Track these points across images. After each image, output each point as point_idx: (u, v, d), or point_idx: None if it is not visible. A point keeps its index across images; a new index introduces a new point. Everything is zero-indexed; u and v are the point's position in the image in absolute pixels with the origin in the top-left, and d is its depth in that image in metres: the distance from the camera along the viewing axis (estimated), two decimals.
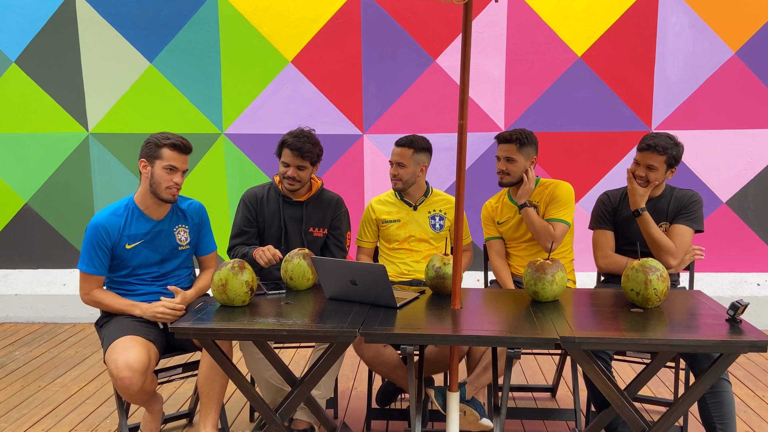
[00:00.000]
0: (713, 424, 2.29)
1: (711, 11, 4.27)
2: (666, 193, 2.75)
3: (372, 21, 4.44)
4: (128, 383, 2.24)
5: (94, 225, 2.46)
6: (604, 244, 2.80)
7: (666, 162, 2.64)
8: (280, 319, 2.00)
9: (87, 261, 2.47)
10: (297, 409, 2.49)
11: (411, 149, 2.87)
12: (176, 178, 2.48)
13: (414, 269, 2.91)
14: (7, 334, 4.38)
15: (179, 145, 2.48)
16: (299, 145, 2.65)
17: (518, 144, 2.79)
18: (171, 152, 2.46)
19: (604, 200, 2.87)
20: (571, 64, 4.39)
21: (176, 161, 2.47)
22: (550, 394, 3.24)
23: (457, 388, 2.16)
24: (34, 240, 4.83)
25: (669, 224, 2.71)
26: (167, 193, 2.48)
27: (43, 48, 4.59)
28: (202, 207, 2.73)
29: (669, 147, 2.62)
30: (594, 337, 1.82)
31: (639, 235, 2.71)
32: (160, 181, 2.46)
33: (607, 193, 2.89)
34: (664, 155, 2.62)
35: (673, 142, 2.65)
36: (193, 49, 4.54)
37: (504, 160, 2.82)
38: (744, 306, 1.89)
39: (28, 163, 4.75)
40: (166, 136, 2.48)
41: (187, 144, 2.51)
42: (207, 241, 2.73)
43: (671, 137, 2.67)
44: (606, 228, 2.81)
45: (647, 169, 2.66)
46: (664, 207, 2.72)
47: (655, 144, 2.63)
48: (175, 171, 2.48)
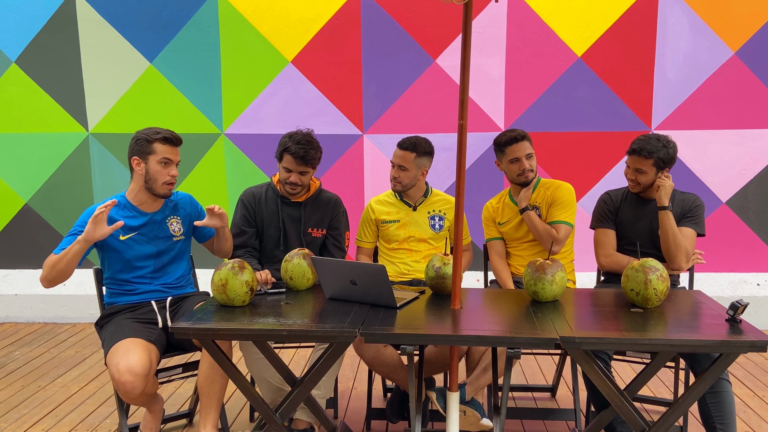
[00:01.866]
0: (713, 424, 2.29)
1: (711, 11, 4.27)
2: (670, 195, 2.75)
3: (372, 21, 4.44)
4: (130, 387, 2.23)
5: (86, 213, 2.49)
6: (606, 243, 2.80)
7: (654, 165, 2.65)
8: (280, 319, 2.00)
9: (61, 246, 2.38)
10: (297, 409, 2.49)
11: (414, 153, 2.85)
12: (172, 171, 2.50)
13: (414, 269, 2.91)
14: (7, 334, 4.38)
15: (171, 138, 2.49)
16: (302, 153, 2.64)
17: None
18: (163, 146, 2.48)
19: (605, 200, 2.87)
20: (571, 64, 4.40)
21: (170, 154, 2.49)
22: (550, 394, 3.24)
23: (457, 388, 2.16)
24: (34, 240, 4.83)
25: None
26: (164, 188, 2.50)
27: (43, 48, 4.59)
28: (192, 198, 2.75)
29: (656, 150, 2.62)
30: (594, 337, 1.82)
31: (640, 236, 2.72)
32: (156, 176, 2.48)
33: (609, 192, 2.89)
34: (650, 159, 2.63)
35: (661, 143, 2.64)
36: (193, 49, 4.54)
37: (524, 159, 2.81)
38: (744, 306, 1.89)
39: (28, 163, 4.75)
40: (155, 130, 2.49)
41: (177, 136, 2.54)
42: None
43: (660, 138, 2.66)
44: (608, 227, 2.81)
45: (636, 172, 2.68)
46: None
47: (640, 148, 2.64)
48: (170, 164, 2.49)
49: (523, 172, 2.81)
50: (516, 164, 2.81)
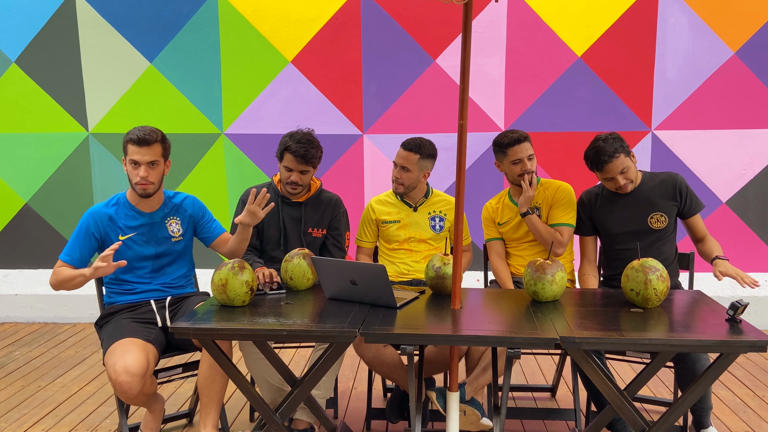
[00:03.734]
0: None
1: (711, 11, 4.27)
2: (645, 180, 2.71)
3: (372, 21, 4.44)
4: (127, 388, 2.23)
5: (87, 213, 2.51)
6: (583, 255, 2.84)
7: (626, 155, 2.60)
8: (280, 319, 2.00)
9: (68, 251, 2.50)
10: (297, 409, 2.49)
11: (417, 155, 2.82)
12: (141, 172, 2.45)
13: (414, 269, 2.91)
14: (7, 334, 4.38)
15: (136, 139, 2.44)
16: (303, 152, 2.64)
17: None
18: (132, 146, 2.46)
19: (579, 203, 2.85)
20: (570, 64, 4.39)
21: (137, 155, 2.44)
22: (550, 394, 3.24)
23: (457, 388, 2.16)
24: (34, 240, 4.83)
25: (662, 214, 2.66)
26: (138, 188, 2.49)
27: (43, 48, 4.59)
28: (195, 199, 2.74)
29: (614, 145, 2.58)
30: (594, 337, 1.82)
31: (624, 233, 2.71)
32: (130, 177, 2.49)
33: (582, 195, 2.87)
34: (621, 153, 2.58)
35: (612, 137, 2.61)
36: (193, 49, 4.54)
37: (526, 160, 2.79)
38: (744, 306, 1.89)
39: (28, 163, 4.75)
40: (131, 131, 2.47)
41: (144, 136, 2.44)
42: (213, 226, 2.73)
43: (601, 137, 2.62)
44: (585, 233, 2.83)
45: (622, 174, 2.61)
46: (651, 195, 2.68)
47: (608, 153, 2.57)
48: (139, 165, 2.45)
49: (524, 174, 2.80)
50: (518, 165, 2.80)
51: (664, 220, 2.68)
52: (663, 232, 2.69)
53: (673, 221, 2.71)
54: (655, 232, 2.69)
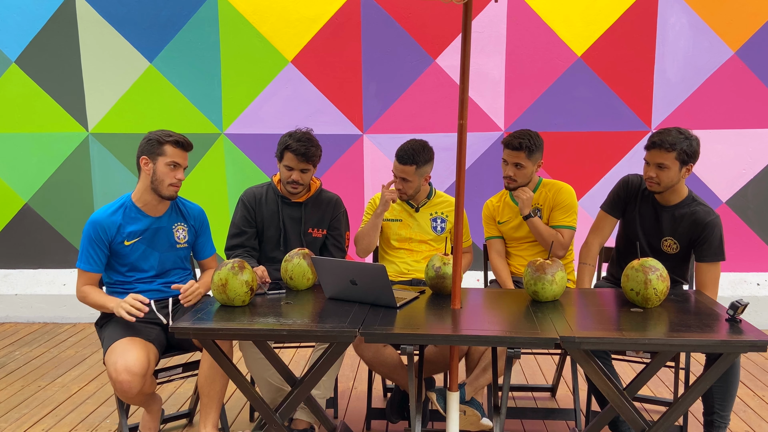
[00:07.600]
0: (712, 404, 2.30)
1: (711, 11, 4.27)
2: (686, 202, 2.53)
3: (372, 21, 4.44)
4: (127, 387, 2.24)
5: (92, 222, 2.48)
6: (600, 229, 2.74)
7: (678, 158, 2.41)
8: (280, 319, 2.00)
9: (84, 258, 2.49)
10: (297, 409, 2.49)
11: (414, 166, 2.80)
12: (179, 174, 2.50)
13: (414, 269, 2.91)
14: (7, 334, 4.38)
15: (182, 143, 2.51)
16: (304, 150, 2.64)
17: (527, 152, 2.74)
18: (174, 149, 2.48)
19: (623, 184, 2.70)
20: (570, 64, 4.39)
21: (179, 158, 2.50)
22: (550, 394, 3.24)
23: (457, 388, 2.16)
24: (34, 240, 4.83)
25: (676, 242, 2.54)
26: (169, 190, 2.50)
27: (43, 48, 4.59)
28: (202, 212, 2.74)
29: (678, 141, 2.40)
30: (594, 337, 1.82)
31: (638, 235, 2.67)
32: (162, 177, 2.47)
33: (631, 176, 2.70)
34: (673, 152, 2.40)
35: (683, 136, 2.43)
36: (193, 49, 4.54)
37: (512, 166, 2.78)
38: (744, 306, 1.89)
39: (28, 163, 4.75)
40: (167, 133, 2.51)
41: (188, 141, 2.55)
42: (206, 245, 2.75)
43: (682, 131, 2.44)
44: (611, 214, 2.71)
45: (657, 168, 2.45)
46: (678, 219, 2.51)
47: (661, 141, 2.41)
48: (178, 167, 2.50)
49: (506, 178, 2.81)
50: (504, 165, 2.82)
51: (675, 247, 2.55)
52: (670, 256, 2.57)
53: (685, 252, 2.56)
54: (662, 253, 2.58)
